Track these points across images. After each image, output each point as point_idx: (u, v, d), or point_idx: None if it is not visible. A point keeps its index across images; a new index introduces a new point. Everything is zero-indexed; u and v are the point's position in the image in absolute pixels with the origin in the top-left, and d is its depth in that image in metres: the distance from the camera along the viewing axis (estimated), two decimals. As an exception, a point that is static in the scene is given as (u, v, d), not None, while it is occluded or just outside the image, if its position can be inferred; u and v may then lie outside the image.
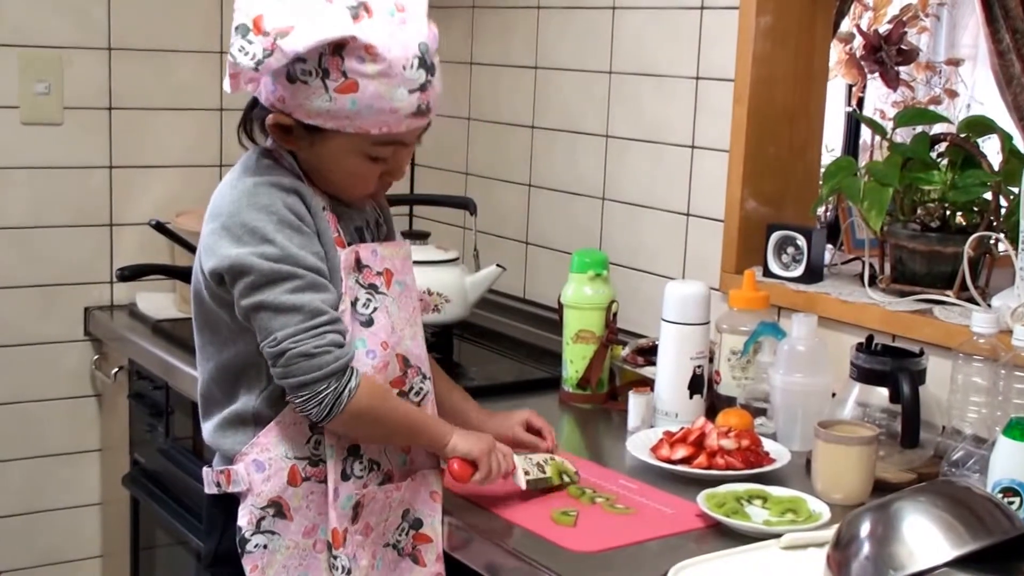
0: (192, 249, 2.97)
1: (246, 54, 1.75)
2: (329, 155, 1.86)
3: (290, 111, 1.82)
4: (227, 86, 1.82)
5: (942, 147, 2.45)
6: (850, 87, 4.61)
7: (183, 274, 3.03)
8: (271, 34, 1.75)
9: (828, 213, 3.63)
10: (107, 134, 3.25)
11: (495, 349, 2.98)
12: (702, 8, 2.74)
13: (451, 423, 1.99)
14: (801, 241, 2.57)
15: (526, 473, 2.01)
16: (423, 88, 1.81)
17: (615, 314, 2.55)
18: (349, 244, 1.89)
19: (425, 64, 1.81)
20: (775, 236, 2.60)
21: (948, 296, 2.36)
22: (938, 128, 2.88)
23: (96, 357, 3.29)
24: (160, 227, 3.02)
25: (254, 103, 1.91)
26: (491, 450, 1.95)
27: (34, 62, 3.15)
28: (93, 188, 3.25)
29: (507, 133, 3.32)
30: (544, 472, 2.04)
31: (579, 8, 3.06)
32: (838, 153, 4.56)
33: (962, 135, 2.42)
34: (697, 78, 2.76)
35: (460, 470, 1.93)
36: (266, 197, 1.82)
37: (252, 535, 1.87)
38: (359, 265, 1.88)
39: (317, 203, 1.87)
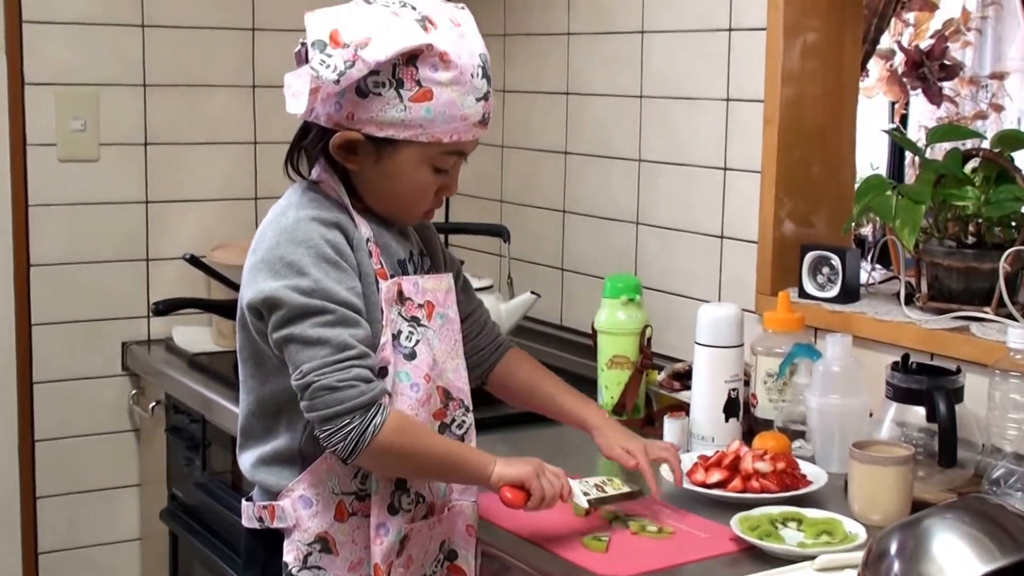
0: (227, 283, 3.00)
1: (328, 67, 1.76)
2: (396, 169, 1.86)
3: (359, 127, 1.82)
4: (296, 107, 1.81)
5: (976, 163, 2.43)
6: (892, 104, 4.57)
7: (219, 308, 3.05)
8: (351, 46, 1.76)
9: (877, 232, 3.59)
10: (143, 169, 3.27)
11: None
12: (730, 30, 2.73)
13: (580, 425, 2.10)
14: (836, 261, 2.54)
15: (585, 494, 1.97)
16: (486, 98, 1.85)
17: (649, 339, 2.53)
18: (392, 277, 1.88)
19: (486, 74, 1.85)
20: (809, 256, 2.58)
21: (986, 313, 2.32)
22: (972, 143, 2.83)
23: (134, 392, 3.30)
24: (195, 261, 3.03)
25: (302, 135, 1.90)
26: (539, 472, 1.90)
27: (70, 99, 3.18)
28: (129, 223, 3.27)
29: (540, 159, 3.31)
30: (605, 492, 2.01)
31: (608, 33, 3.06)
32: (883, 171, 4.52)
33: (995, 150, 2.39)
34: (727, 99, 2.75)
35: (514, 497, 1.88)
36: (306, 232, 1.81)
37: (299, 571, 1.86)
38: (401, 297, 1.87)
39: (360, 236, 1.87)
